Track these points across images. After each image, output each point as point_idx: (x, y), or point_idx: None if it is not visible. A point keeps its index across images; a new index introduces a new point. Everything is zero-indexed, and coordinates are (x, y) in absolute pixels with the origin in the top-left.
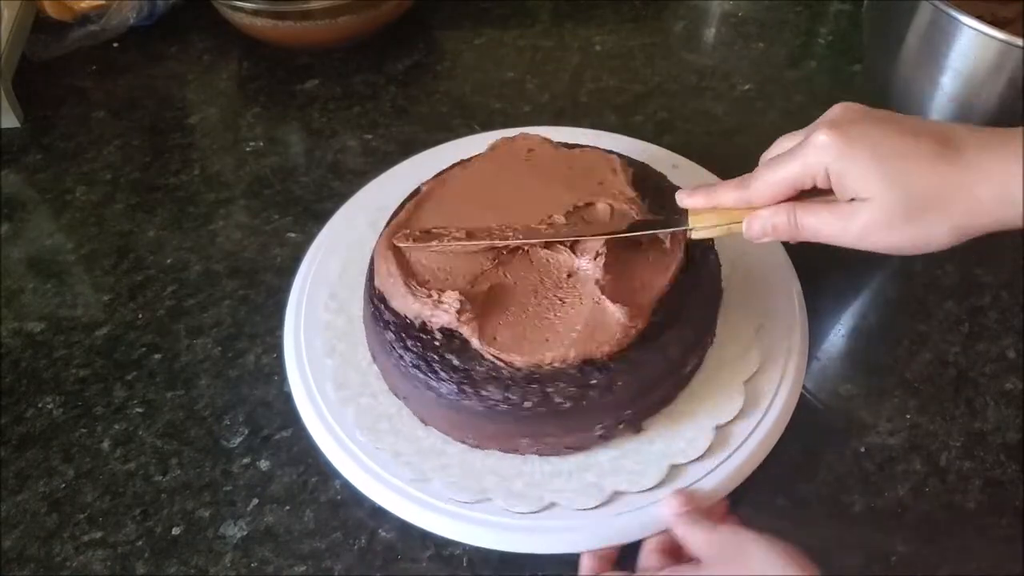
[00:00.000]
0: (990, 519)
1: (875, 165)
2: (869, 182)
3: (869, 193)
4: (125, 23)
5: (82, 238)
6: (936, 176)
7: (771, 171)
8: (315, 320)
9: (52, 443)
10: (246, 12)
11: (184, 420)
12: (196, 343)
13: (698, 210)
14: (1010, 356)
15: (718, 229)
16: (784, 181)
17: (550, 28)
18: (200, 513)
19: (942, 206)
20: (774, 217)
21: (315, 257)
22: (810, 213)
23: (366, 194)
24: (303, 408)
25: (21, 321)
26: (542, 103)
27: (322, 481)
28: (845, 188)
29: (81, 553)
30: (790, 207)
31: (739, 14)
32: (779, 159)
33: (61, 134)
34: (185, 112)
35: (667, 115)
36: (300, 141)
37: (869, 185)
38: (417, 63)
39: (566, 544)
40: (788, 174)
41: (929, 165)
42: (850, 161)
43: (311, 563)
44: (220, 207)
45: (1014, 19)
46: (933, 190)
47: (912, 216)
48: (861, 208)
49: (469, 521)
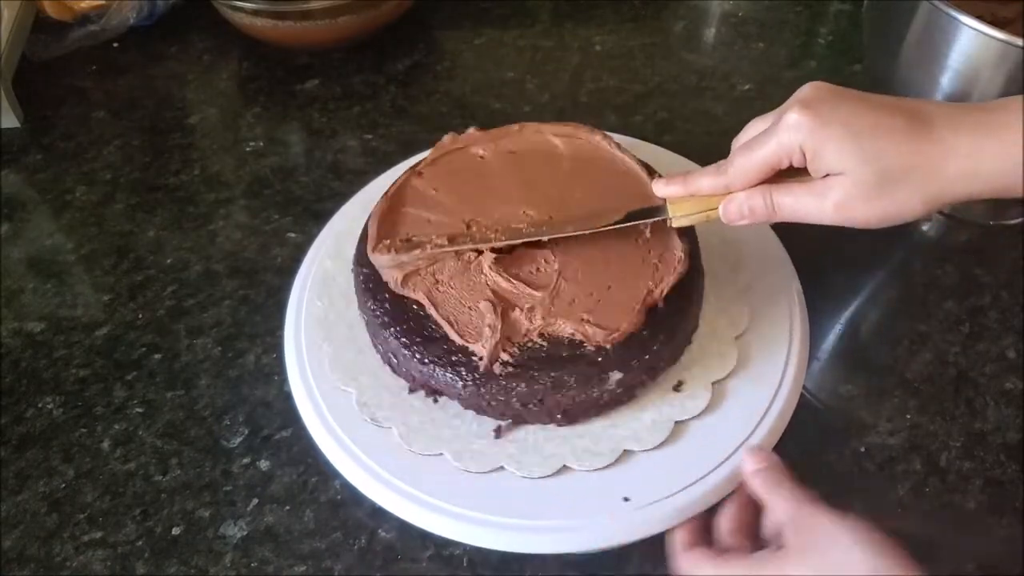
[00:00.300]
0: (990, 519)
1: (849, 141)
2: (843, 158)
3: (843, 168)
4: (125, 23)
5: (82, 238)
6: (908, 150)
7: (747, 155)
8: (315, 320)
9: (52, 443)
10: (246, 12)
11: (184, 420)
12: (196, 343)
13: (675, 198)
14: (1010, 356)
15: (697, 216)
16: (760, 163)
17: (550, 28)
18: (200, 513)
19: (915, 179)
20: (750, 200)
21: (315, 257)
22: (785, 193)
23: (366, 194)
24: (303, 408)
25: (21, 321)
26: (542, 103)
27: (322, 481)
28: (820, 165)
29: (81, 553)
30: (765, 189)
31: (739, 14)
32: (753, 142)
33: (61, 134)
34: (185, 112)
35: (667, 115)
36: (300, 141)
37: (843, 160)
38: (417, 63)
39: (566, 544)
40: (764, 156)
41: (902, 139)
42: (824, 138)
43: (311, 563)
44: (220, 207)
45: (1014, 19)
46: (906, 163)
47: (886, 189)
48: (836, 183)
49: (469, 521)
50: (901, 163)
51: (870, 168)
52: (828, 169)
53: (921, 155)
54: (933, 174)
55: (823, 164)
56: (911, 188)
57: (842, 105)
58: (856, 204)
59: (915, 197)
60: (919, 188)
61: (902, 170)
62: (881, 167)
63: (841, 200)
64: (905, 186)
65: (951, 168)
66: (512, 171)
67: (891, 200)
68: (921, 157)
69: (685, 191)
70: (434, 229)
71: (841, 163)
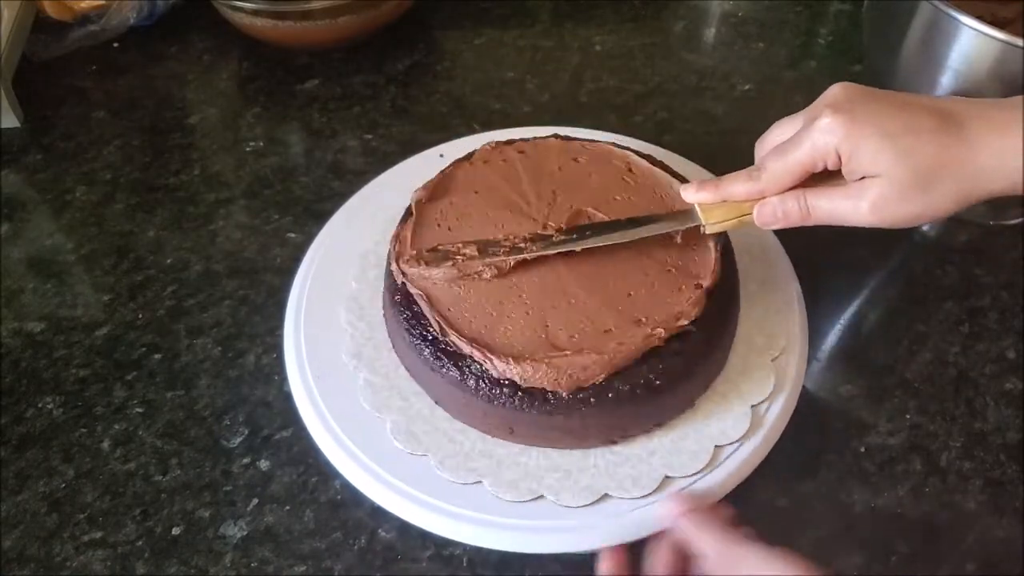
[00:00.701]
0: (990, 519)
1: (884, 142)
2: (879, 159)
3: (879, 170)
4: (125, 23)
5: (82, 238)
6: (941, 149)
7: (780, 159)
8: (315, 320)
9: (52, 443)
10: (246, 12)
11: (184, 420)
12: (196, 343)
13: (706, 204)
14: (1010, 356)
15: (730, 222)
16: (795, 167)
17: (550, 28)
18: (200, 513)
19: (948, 177)
20: (784, 204)
21: (315, 257)
22: (820, 196)
23: (366, 194)
24: (303, 408)
25: (21, 321)
26: (542, 103)
27: (322, 481)
28: (855, 167)
29: (81, 553)
30: (799, 193)
31: (739, 14)
32: (786, 146)
33: (61, 134)
34: (185, 112)
35: (667, 115)
36: (300, 141)
37: (879, 163)
38: (417, 63)
39: (565, 544)
40: (798, 159)
41: (934, 138)
42: (859, 140)
43: (311, 563)
44: (220, 207)
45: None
46: (940, 163)
47: (921, 189)
48: (871, 185)
49: (469, 521)
50: (935, 163)
51: (905, 169)
52: (864, 171)
53: (953, 154)
54: (965, 173)
55: (859, 166)
56: (945, 187)
57: (874, 106)
58: (892, 205)
59: (948, 196)
60: (952, 187)
61: (936, 170)
62: (916, 167)
63: (877, 202)
64: (939, 185)
65: (983, 164)
66: (538, 179)
67: (926, 198)
68: (954, 155)
69: (717, 197)
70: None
71: (877, 165)
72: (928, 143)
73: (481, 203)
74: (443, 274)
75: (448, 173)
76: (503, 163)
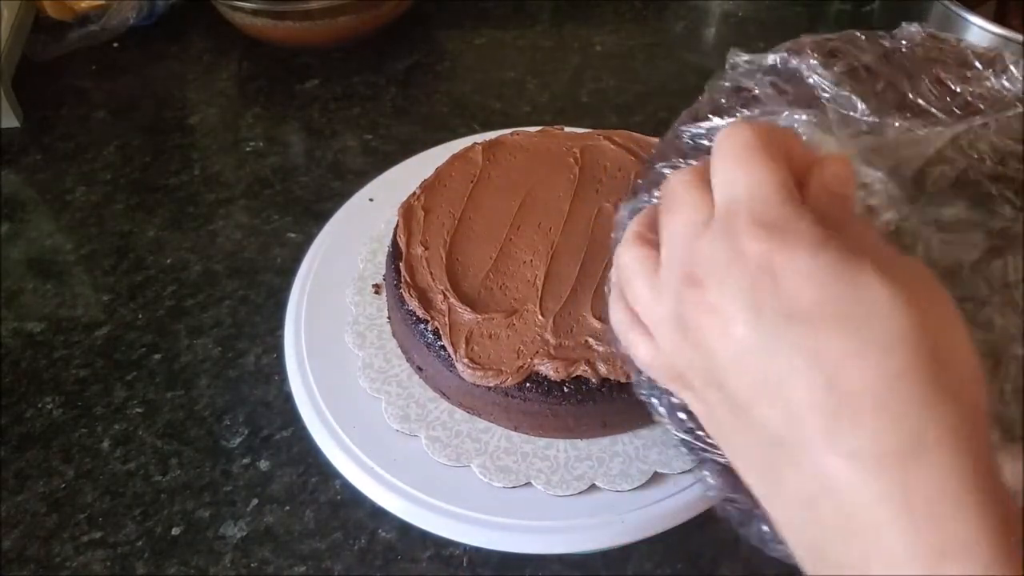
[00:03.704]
0: None
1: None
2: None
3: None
4: (125, 23)
5: (82, 238)
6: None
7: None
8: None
9: (52, 443)
10: (246, 12)
11: (184, 420)
12: (196, 343)
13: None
14: None
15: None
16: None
17: (550, 28)
18: (200, 513)
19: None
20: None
21: (315, 257)
22: None
23: (366, 194)
24: (303, 408)
25: (21, 321)
26: (542, 103)
27: (322, 481)
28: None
29: (81, 553)
30: None
31: (739, 14)
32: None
33: (61, 134)
34: (185, 112)
35: (667, 115)
36: (300, 141)
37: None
38: (417, 63)
39: (566, 544)
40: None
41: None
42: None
43: (311, 563)
44: (220, 207)
45: None
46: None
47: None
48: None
49: (469, 521)
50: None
51: None
52: None
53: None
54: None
55: None
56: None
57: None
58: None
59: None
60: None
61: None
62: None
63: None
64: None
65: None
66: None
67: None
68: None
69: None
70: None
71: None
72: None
73: (490, 198)
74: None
75: (443, 171)
76: (509, 156)
